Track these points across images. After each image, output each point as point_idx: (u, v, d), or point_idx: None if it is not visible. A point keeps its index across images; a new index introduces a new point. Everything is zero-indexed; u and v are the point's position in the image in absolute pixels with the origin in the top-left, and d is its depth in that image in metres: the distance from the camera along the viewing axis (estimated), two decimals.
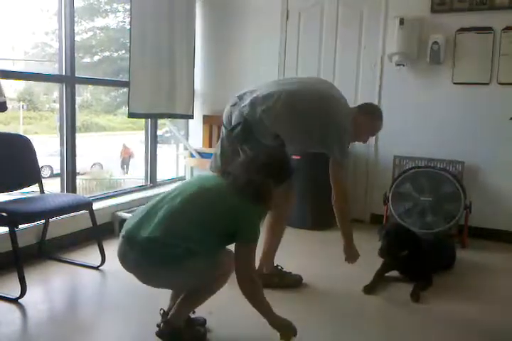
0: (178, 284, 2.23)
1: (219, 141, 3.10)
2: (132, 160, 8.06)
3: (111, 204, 4.14)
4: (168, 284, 2.27)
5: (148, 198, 4.50)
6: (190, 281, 2.17)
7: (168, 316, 2.26)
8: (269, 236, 3.08)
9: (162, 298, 2.44)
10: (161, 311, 2.31)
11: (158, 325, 2.29)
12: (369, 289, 3.04)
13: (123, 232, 2.17)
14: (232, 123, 2.84)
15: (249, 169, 2.24)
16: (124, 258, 2.16)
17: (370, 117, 3.05)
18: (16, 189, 3.28)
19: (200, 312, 2.40)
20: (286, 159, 2.46)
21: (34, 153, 3.34)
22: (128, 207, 4.22)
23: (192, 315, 2.37)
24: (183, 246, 2.05)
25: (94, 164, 7.97)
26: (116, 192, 4.54)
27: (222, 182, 2.24)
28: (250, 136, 2.78)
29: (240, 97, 2.89)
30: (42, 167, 6.89)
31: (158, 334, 2.27)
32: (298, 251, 3.82)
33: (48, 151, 6.36)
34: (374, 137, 4.56)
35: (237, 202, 2.14)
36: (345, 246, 3.03)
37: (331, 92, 2.98)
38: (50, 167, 7.00)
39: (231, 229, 2.14)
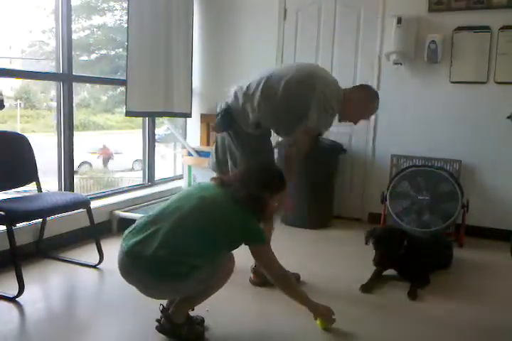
0: (183, 294, 2.26)
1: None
2: (111, 160, 8.06)
3: (109, 203, 4.14)
4: (172, 296, 2.30)
5: (146, 197, 4.54)
6: (195, 289, 2.19)
7: (169, 312, 2.28)
8: None
9: None
10: (161, 307, 2.32)
11: (157, 320, 2.31)
12: (366, 288, 3.05)
13: (124, 248, 2.16)
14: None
15: (246, 183, 2.30)
16: (128, 274, 2.17)
17: (362, 95, 2.97)
18: (13, 187, 3.27)
19: (198, 310, 2.40)
20: (280, 172, 2.52)
21: (32, 151, 3.33)
22: (126, 205, 4.22)
23: (191, 313, 2.37)
24: (188, 262, 2.08)
25: (135, 160, 8.06)
26: (114, 191, 4.54)
27: (221, 192, 2.29)
28: (233, 123, 2.88)
29: (228, 90, 3.01)
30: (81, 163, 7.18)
31: (159, 329, 2.30)
32: (296, 250, 3.83)
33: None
34: (372, 136, 4.61)
35: (236, 212, 2.21)
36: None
37: (315, 70, 2.94)
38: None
39: (232, 237, 2.20)
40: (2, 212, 2.75)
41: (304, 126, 2.75)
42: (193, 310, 2.36)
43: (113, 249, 3.55)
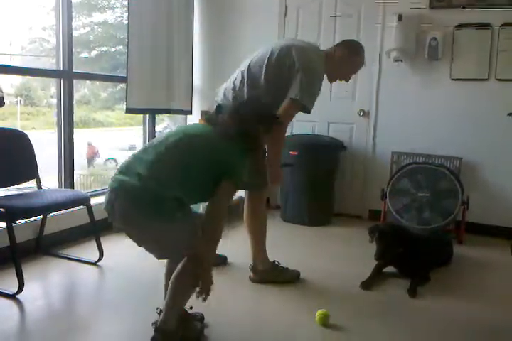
0: (160, 243, 2.10)
1: None
2: (98, 158, 7.99)
3: None
4: (150, 240, 2.11)
5: None
6: (172, 243, 2.08)
7: (158, 322, 2.17)
8: (252, 224, 3.04)
9: (160, 293, 2.44)
10: (158, 310, 2.28)
11: (154, 323, 2.26)
12: (366, 285, 3.05)
13: (111, 184, 2.08)
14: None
15: (237, 119, 2.24)
16: (112, 210, 2.07)
17: (346, 51, 2.94)
18: (13, 184, 3.27)
19: (197, 308, 2.40)
20: (270, 106, 2.47)
21: (32, 148, 3.33)
22: None
23: (190, 311, 2.36)
24: (169, 195, 1.99)
25: None
26: None
27: (210, 128, 2.25)
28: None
29: (218, 90, 3.07)
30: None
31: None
32: (296, 247, 3.83)
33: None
34: (372, 133, 4.61)
35: (226, 146, 2.15)
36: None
37: (288, 42, 2.93)
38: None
39: (218, 172, 2.10)
40: (2, 209, 2.75)
41: (288, 100, 2.73)
42: (191, 307, 2.34)
43: (113, 246, 3.57)
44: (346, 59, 2.94)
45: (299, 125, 4.69)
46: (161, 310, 2.27)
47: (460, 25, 4.19)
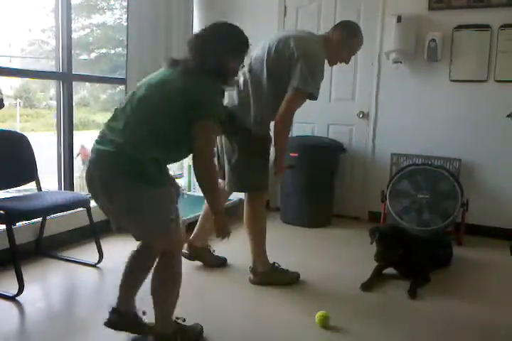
0: (140, 214, 2.02)
1: None
2: None
3: None
4: (129, 212, 2.04)
5: None
6: (151, 213, 2.01)
7: (158, 328, 2.15)
8: (251, 226, 3.04)
9: None
10: (110, 308, 2.22)
11: (106, 323, 2.23)
12: (366, 286, 3.05)
13: (90, 156, 2.06)
14: None
15: (200, 50, 2.08)
16: (91, 180, 2.04)
17: (344, 34, 2.93)
18: (13, 186, 3.27)
19: (197, 309, 2.39)
20: (236, 29, 2.26)
21: (31, 150, 3.33)
22: None
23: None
24: (145, 157, 1.96)
25: None
26: None
27: (170, 71, 2.10)
28: (232, 123, 2.81)
29: None
30: None
31: None
32: (295, 249, 3.83)
33: None
34: (371, 134, 4.62)
35: (191, 82, 2.01)
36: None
37: (288, 33, 2.95)
38: None
39: (190, 117, 2.00)
40: (2, 211, 2.76)
41: (292, 90, 2.73)
42: (184, 320, 2.28)
43: (113, 247, 3.57)
44: (345, 42, 2.93)
45: (299, 127, 4.70)
46: (114, 310, 2.23)
47: (459, 26, 4.20)
